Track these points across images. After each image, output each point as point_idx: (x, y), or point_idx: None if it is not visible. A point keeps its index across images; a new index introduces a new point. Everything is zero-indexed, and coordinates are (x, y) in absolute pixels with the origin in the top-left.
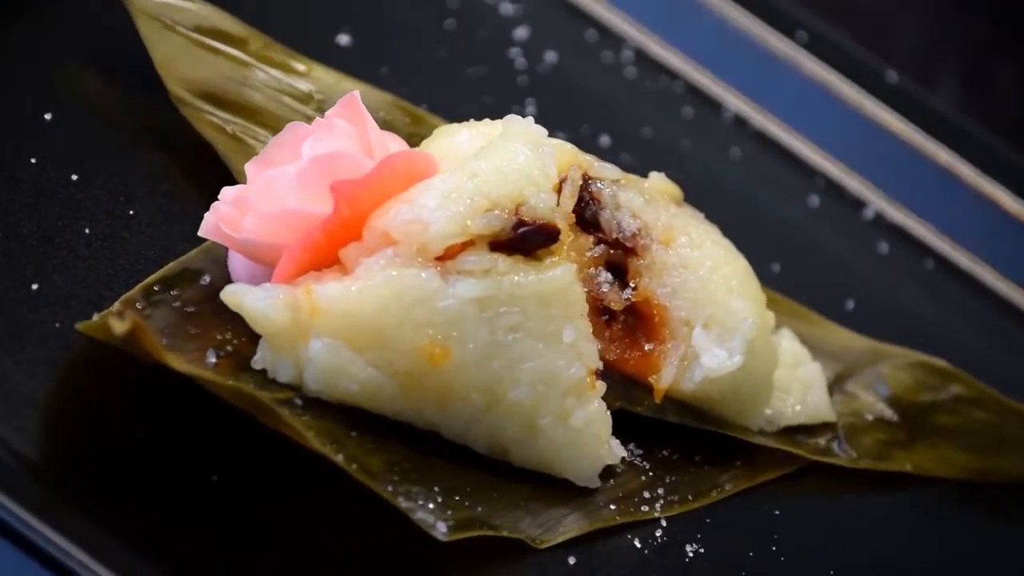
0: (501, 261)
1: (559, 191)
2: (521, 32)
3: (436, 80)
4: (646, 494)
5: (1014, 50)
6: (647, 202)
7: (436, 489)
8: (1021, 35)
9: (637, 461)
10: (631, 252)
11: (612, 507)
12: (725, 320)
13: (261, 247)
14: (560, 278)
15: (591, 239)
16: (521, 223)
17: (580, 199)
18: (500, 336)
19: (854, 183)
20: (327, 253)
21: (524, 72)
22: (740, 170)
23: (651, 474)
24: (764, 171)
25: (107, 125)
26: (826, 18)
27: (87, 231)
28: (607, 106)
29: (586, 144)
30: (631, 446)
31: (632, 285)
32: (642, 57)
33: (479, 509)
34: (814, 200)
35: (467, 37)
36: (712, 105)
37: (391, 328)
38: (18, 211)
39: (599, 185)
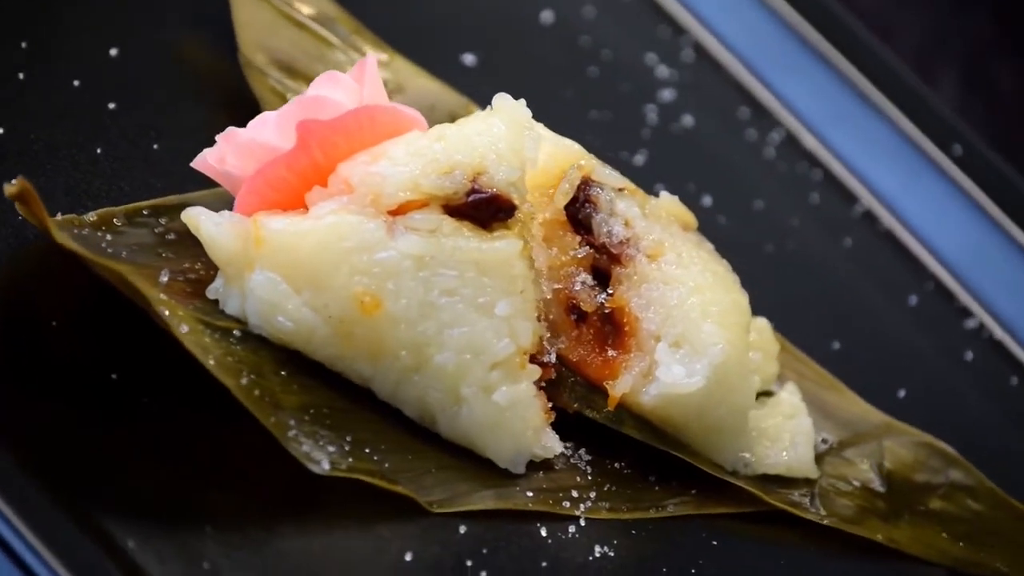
0: (447, 224)
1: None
2: (667, 94)
3: (550, 112)
4: (574, 493)
5: (1014, 50)
6: (644, 216)
7: (348, 439)
8: (1021, 35)
9: (580, 465)
10: (615, 259)
11: (529, 494)
12: (694, 341)
13: (239, 181)
14: (502, 250)
15: (578, 239)
16: (475, 191)
17: (576, 199)
18: (434, 297)
19: (965, 294)
20: (298, 196)
21: (650, 127)
22: (845, 257)
23: (590, 478)
24: (871, 262)
25: (167, 70)
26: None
27: (98, 151)
28: (727, 174)
29: (685, 201)
30: (581, 451)
31: (609, 291)
32: (791, 142)
33: (385, 465)
34: (913, 299)
35: (605, 86)
36: (846, 197)
37: (328, 270)
38: (35, 119)
39: (598, 189)
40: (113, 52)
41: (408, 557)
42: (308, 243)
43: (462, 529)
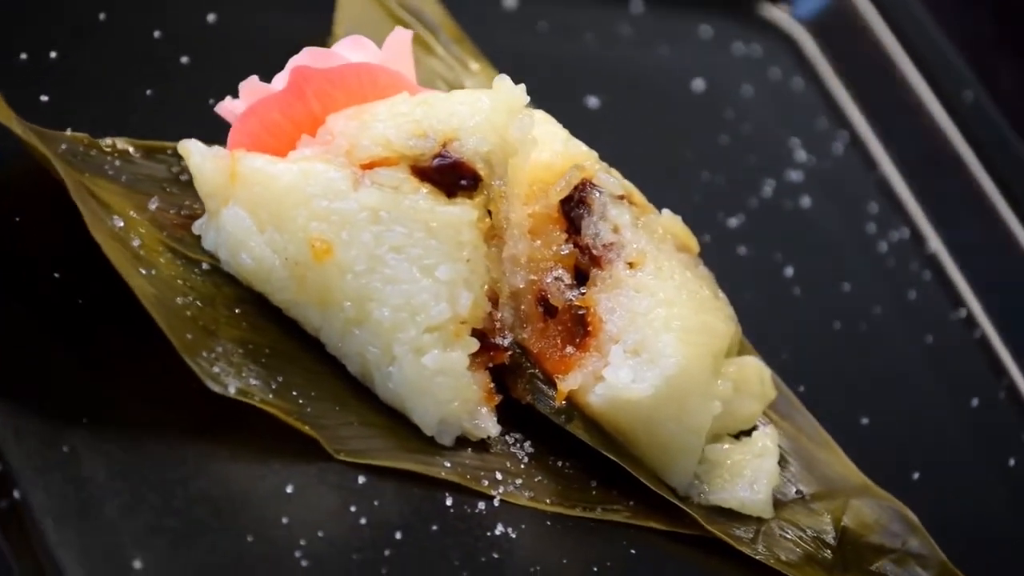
0: (409, 183)
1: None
2: (794, 175)
3: (655, 161)
4: (498, 476)
5: (1014, 50)
6: (635, 226)
7: (279, 379)
8: (1021, 35)
9: (519, 454)
10: (596, 261)
11: (448, 465)
12: (651, 351)
13: None
14: (453, 215)
15: (565, 237)
16: (442, 155)
17: (571, 197)
18: (382, 252)
19: None
20: (292, 144)
21: (760, 198)
22: (918, 350)
23: (522, 467)
24: (946, 361)
25: (254, 43)
26: None
27: (148, 92)
28: (822, 254)
29: (764, 266)
30: (526, 444)
31: (582, 291)
32: (913, 243)
33: (307, 410)
34: (975, 401)
35: (729, 155)
36: (950, 300)
37: (290, 212)
38: (96, 53)
39: (597, 193)
40: (210, 18)
41: (289, 489)
42: (278, 184)
43: (360, 480)
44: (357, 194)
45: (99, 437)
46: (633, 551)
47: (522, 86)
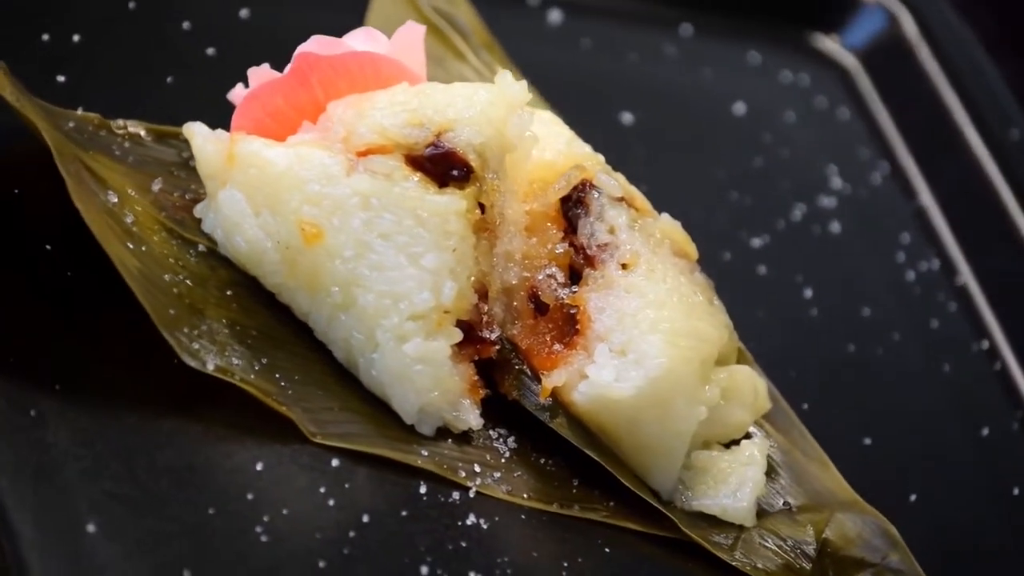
0: (401, 171)
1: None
2: (826, 200)
3: (682, 176)
4: (477, 468)
5: (1014, 50)
6: (632, 228)
7: (263, 360)
8: (1021, 35)
9: (502, 448)
10: (589, 261)
11: (425, 454)
12: (638, 351)
13: None
14: (442, 204)
15: (561, 235)
16: (435, 145)
17: (569, 197)
18: (371, 238)
19: None
20: (295, 130)
21: (788, 221)
22: (933, 376)
23: (503, 461)
24: (960, 389)
25: (282, 38)
26: None
27: (169, 80)
28: (845, 278)
29: (782, 286)
30: (510, 439)
31: (574, 289)
32: (943, 274)
33: (288, 392)
34: (986, 430)
35: (762, 177)
36: (974, 331)
37: (284, 195)
38: (120, 39)
39: (595, 193)
40: (243, 13)
41: (258, 467)
42: (273, 168)
43: (334, 463)
44: (349, 180)
45: (69, 404)
46: (608, 550)
47: (523, 83)
